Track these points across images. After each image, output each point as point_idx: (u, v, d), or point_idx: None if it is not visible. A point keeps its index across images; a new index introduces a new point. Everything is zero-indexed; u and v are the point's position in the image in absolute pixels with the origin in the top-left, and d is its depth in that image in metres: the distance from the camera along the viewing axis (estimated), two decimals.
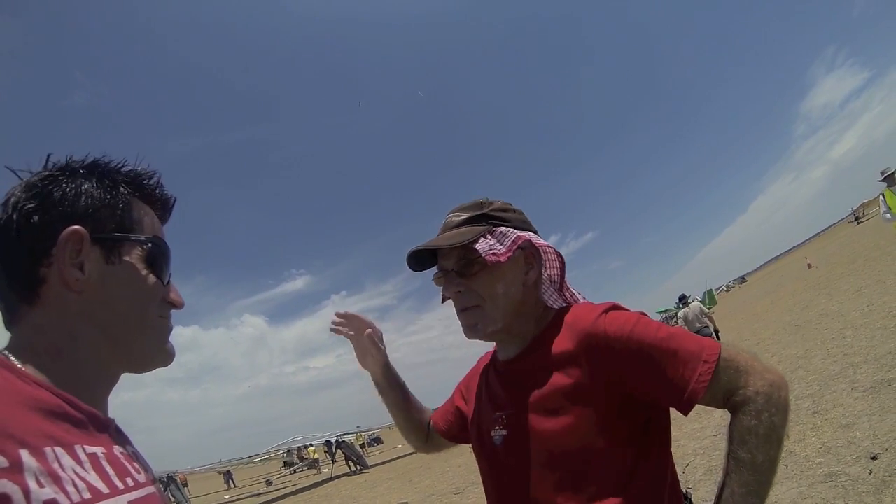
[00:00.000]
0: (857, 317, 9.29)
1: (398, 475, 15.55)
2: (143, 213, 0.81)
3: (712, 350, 1.02)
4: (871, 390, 5.38)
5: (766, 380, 1.00)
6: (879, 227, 20.43)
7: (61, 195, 0.72)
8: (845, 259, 21.72)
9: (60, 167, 0.76)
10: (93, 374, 0.72)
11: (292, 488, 20.39)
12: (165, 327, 0.82)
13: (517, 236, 1.19)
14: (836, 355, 7.45)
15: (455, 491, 9.51)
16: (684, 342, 1.04)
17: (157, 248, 0.80)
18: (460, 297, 1.24)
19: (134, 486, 0.67)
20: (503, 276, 1.20)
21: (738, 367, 1.02)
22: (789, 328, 11.91)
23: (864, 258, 17.97)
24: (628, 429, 1.08)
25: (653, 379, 1.04)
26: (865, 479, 3.68)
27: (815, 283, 19.20)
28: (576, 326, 1.13)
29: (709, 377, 1.00)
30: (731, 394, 1.01)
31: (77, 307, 0.70)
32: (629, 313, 1.12)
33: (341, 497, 13.90)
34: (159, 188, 0.86)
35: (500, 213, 1.26)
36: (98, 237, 0.73)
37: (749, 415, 0.98)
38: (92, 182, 0.76)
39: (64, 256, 0.69)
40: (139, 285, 0.76)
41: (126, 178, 0.81)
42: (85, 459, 0.61)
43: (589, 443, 1.06)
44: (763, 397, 0.98)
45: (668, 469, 1.13)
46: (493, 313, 1.20)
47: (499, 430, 1.21)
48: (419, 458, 18.29)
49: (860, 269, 15.77)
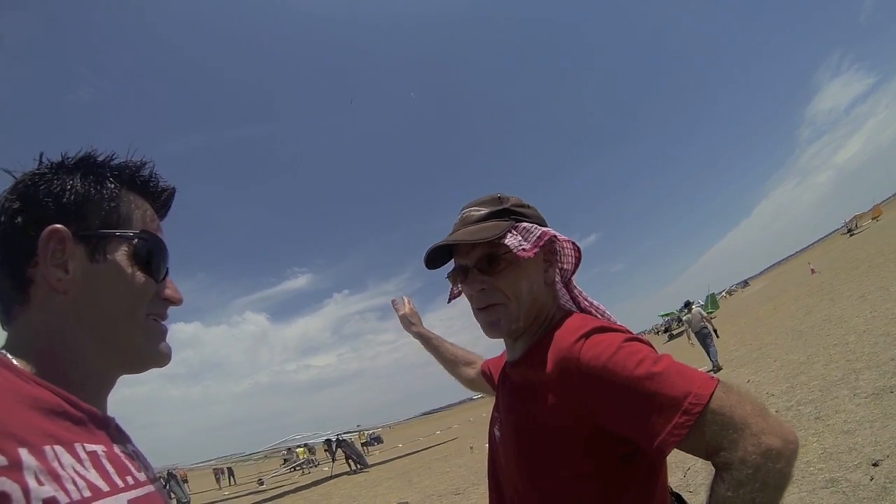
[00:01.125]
0: (860, 323, 9.27)
1: (398, 475, 15.55)
2: (133, 208, 0.78)
3: (699, 398, 0.86)
4: (873, 397, 5.38)
5: (762, 446, 0.81)
6: (877, 236, 20.31)
7: (45, 193, 0.71)
8: (848, 265, 21.65)
9: (50, 165, 0.74)
10: (87, 374, 0.71)
11: (291, 486, 20.42)
12: (158, 327, 0.79)
13: (542, 232, 1.16)
14: (838, 361, 7.45)
15: (455, 491, 9.52)
16: (667, 384, 0.89)
17: (146, 243, 0.77)
18: (483, 294, 1.18)
19: (134, 484, 0.66)
20: (527, 273, 1.18)
21: (729, 422, 0.84)
22: (792, 333, 11.90)
23: (868, 264, 17.90)
24: (598, 462, 1.00)
25: (622, 419, 0.93)
26: (867, 485, 3.69)
27: (817, 289, 19.15)
28: (557, 346, 1.05)
29: (685, 431, 0.85)
30: (714, 452, 0.86)
31: (64, 307, 0.69)
32: (612, 338, 1.00)
33: (341, 496, 13.91)
34: (153, 179, 0.82)
35: (520, 209, 1.23)
36: (82, 235, 0.71)
37: (727, 483, 0.83)
38: (77, 178, 0.73)
39: (46, 256, 0.68)
40: (126, 283, 0.74)
41: (115, 171, 0.78)
42: (85, 457, 0.60)
43: (554, 468, 1.03)
44: (749, 468, 0.81)
45: (653, 500, 1.04)
46: (517, 311, 1.17)
47: (497, 428, 1.24)
48: (419, 458, 18.33)
49: (863, 276, 15.71)
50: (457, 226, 1.25)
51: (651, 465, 1.03)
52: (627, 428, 0.93)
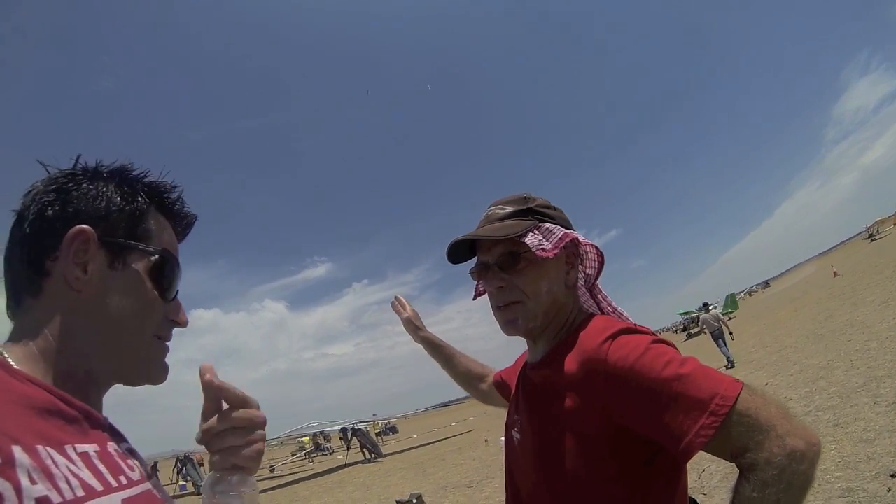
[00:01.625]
0: (883, 329, 9.16)
1: (412, 465, 15.72)
2: (157, 226, 0.80)
3: (725, 399, 0.88)
4: (894, 405, 5.33)
5: (787, 447, 0.83)
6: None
7: (79, 194, 0.73)
8: (872, 269, 21.27)
9: (86, 168, 0.77)
10: (85, 374, 0.72)
11: (306, 473, 20.68)
12: (161, 346, 0.80)
13: (564, 233, 1.17)
14: (859, 367, 7.37)
15: (469, 484, 9.60)
16: (693, 385, 0.91)
17: (164, 261, 0.79)
18: (502, 292, 1.21)
19: (128, 483, 0.66)
20: (547, 273, 1.19)
21: (755, 424, 0.86)
22: (812, 337, 11.76)
23: (892, 269, 17.60)
24: (622, 463, 1.01)
25: (649, 420, 0.94)
26: (884, 496, 3.68)
27: (840, 292, 18.85)
28: (583, 346, 1.07)
29: (712, 432, 0.87)
30: (740, 452, 0.87)
31: (75, 306, 0.70)
32: (639, 339, 1.02)
33: (355, 484, 14.10)
34: (179, 203, 0.85)
35: (545, 210, 1.25)
36: (106, 240, 0.73)
37: (752, 484, 0.84)
38: (111, 186, 0.76)
39: (68, 253, 0.70)
40: (139, 296, 0.75)
41: (147, 187, 0.80)
42: (76, 458, 0.60)
43: (581, 469, 1.03)
44: (774, 469, 0.82)
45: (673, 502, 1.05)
46: (534, 310, 1.18)
47: (516, 431, 1.24)
48: (434, 450, 18.45)
49: (887, 281, 15.46)
50: (481, 222, 1.27)
51: (673, 468, 1.04)
52: (654, 429, 0.94)
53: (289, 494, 14.83)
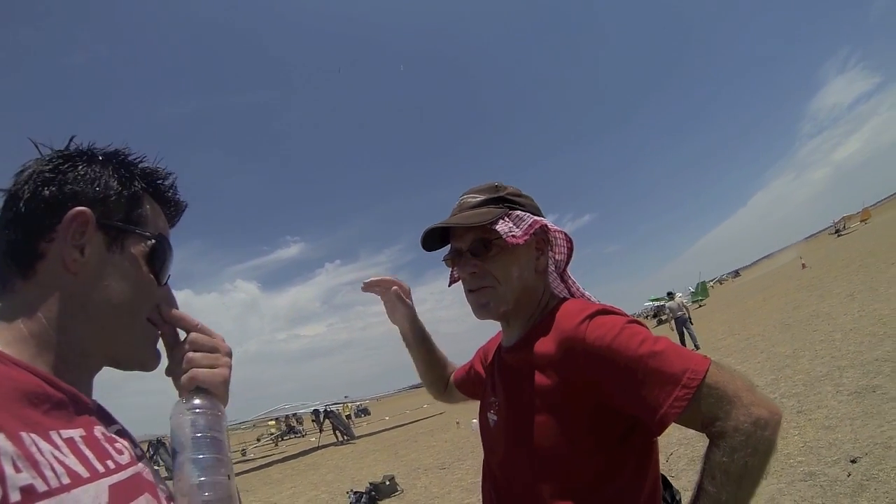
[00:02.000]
0: (848, 321, 9.41)
1: (384, 447, 15.78)
2: (152, 211, 0.81)
3: (696, 373, 0.95)
4: (855, 395, 5.50)
5: (752, 415, 0.92)
6: (869, 237, 20.39)
7: (76, 176, 0.72)
8: (840, 262, 21.83)
9: (81, 150, 0.76)
10: (75, 357, 0.71)
11: (279, 456, 20.66)
12: (153, 331, 0.80)
13: (534, 220, 1.21)
14: (823, 357, 7.58)
15: (441, 466, 9.68)
16: (667, 361, 0.98)
17: (160, 246, 0.80)
18: (474, 277, 1.25)
19: (115, 468, 0.65)
20: (518, 259, 1.23)
21: (723, 394, 0.94)
22: (779, 326, 12.06)
23: (859, 263, 18.06)
24: (594, 440, 1.07)
25: (626, 394, 1.01)
26: (844, 480, 3.80)
27: (808, 284, 19.33)
28: (560, 327, 1.12)
29: (685, 403, 0.94)
30: (710, 422, 0.95)
31: (70, 288, 0.70)
32: (615, 320, 1.07)
33: (328, 466, 14.12)
34: (173, 190, 0.86)
35: (515, 198, 1.28)
36: (104, 224, 0.73)
37: (722, 450, 0.92)
38: (108, 170, 0.76)
39: (67, 235, 0.69)
40: (135, 280, 0.76)
41: (142, 173, 0.81)
42: (62, 444, 0.59)
43: (555, 447, 1.07)
44: (742, 435, 0.91)
45: (646, 479, 1.10)
46: (505, 294, 1.23)
47: (492, 413, 1.27)
48: (405, 432, 18.57)
49: (854, 274, 15.87)
50: (454, 211, 1.31)
51: (646, 444, 1.11)
52: (631, 402, 1.01)
53: (262, 477, 14.80)
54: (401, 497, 8.01)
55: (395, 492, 8.21)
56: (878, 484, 3.58)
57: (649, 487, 1.10)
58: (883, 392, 5.26)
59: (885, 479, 3.61)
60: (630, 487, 1.08)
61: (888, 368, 5.94)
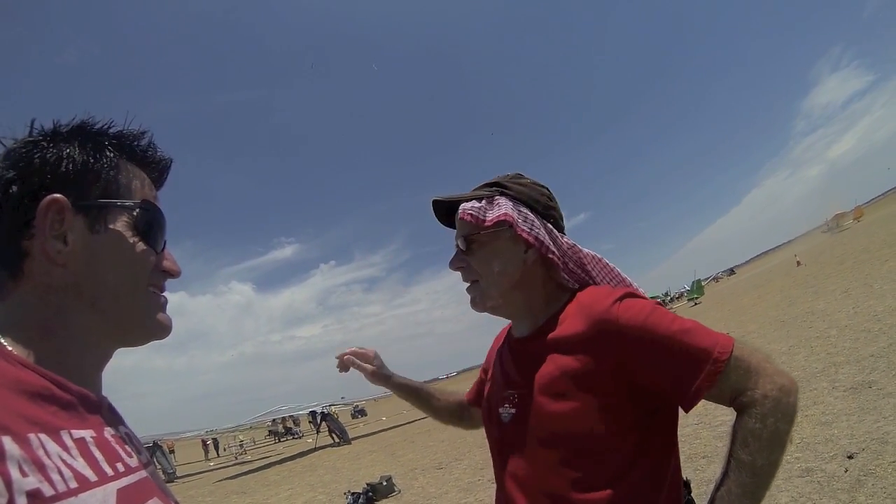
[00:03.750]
0: (843, 318, 9.43)
1: (381, 448, 15.75)
2: (132, 177, 0.76)
3: (724, 347, 1.01)
4: (851, 391, 5.50)
5: (777, 383, 0.98)
6: (863, 234, 20.45)
7: (41, 162, 0.67)
8: (835, 259, 21.92)
9: (44, 132, 0.71)
10: (83, 350, 0.68)
11: (276, 457, 20.60)
12: (158, 299, 0.77)
13: (503, 212, 1.19)
14: (819, 354, 7.59)
15: (438, 466, 9.66)
16: (697, 337, 1.03)
17: (146, 213, 0.75)
18: (463, 272, 1.29)
19: (125, 471, 0.63)
20: (498, 253, 1.23)
21: (749, 367, 1.00)
22: (775, 323, 12.08)
23: (854, 260, 18.14)
24: (632, 417, 1.09)
25: (660, 371, 1.04)
26: (841, 476, 3.80)
27: (803, 281, 19.40)
28: (590, 310, 1.13)
29: (717, 376, 0.99)
30: (738, 394, 1.01)
31: (62, 281, 0.66)
32: (644, 302, 1.12)
33: (325, 467, 14.08)
34: (151, 149, 0.80)
35: (509, 183, 1.27)
36: (81, 205, 0.68)
37: (754, 417, 0.97)
38: (75, 146, 0.70)
39: (44, 228, 0.65)
40: (127, 254, 0.71)
41: (113, 139, 0.75)
42: (72, 445, 0.57)
43: (591, 428, 1.07)
44: (771, 401, 0.97)
45: (670, 459, 1.13)
46: (489, 290, 1.25)
47: (508, 407, 1.23)
48: (402, 432, 18.54)
49: (848, 271, 15.93)
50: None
51: (670, 426, 1.15)
52: (665, 378, 1.05)
53: (259, 479, 14.79)
54: (398, 498, 7.99)
55: (392, 492, 8.19)
56: (875, 479, 3.58)
57: (673, 471, 1.13)
58: (879, 388, 5.27)
59: (883, 474, 3.61)
60: (657, 471, 1.10)
61: (883, 364, 5.95)
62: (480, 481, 7.32)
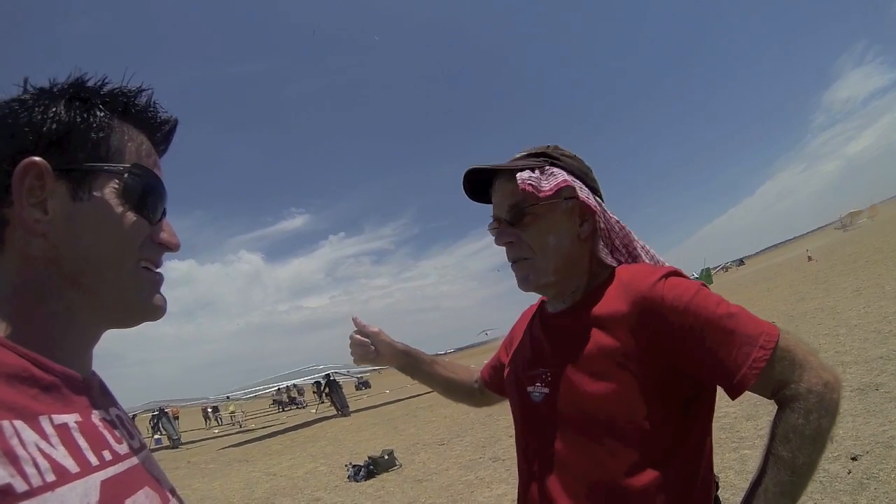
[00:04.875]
0: (853, 317, 9.36)
1: (383, 421, 15.94)
2: (126, 140, 0.68)
3: (770, 336, 0.97)
4: (858, 392, 5.47)
5: (822, 378, 0.95)
6: (877, 234, 20.18)
7: (24, 122, 0.61)
8: (846, 258, 21.70)
9: (34, 91, 0.64)
10: (66, 329, 0.62)
11: (280, 426, 20.90)
12: (151, 276, 0.69)
13: (564, 178, 1.14)
14: (827, 352, 7.52)
15: (440, 442, 9.77)
16: (743, 323, 0.99)
17: (139, 178, 0.67)
18: (511, 247, 1.20)
19: (112, 459, 0.58)
20: (555, 227, 1.16)
21: (795, 359, 0.97)
22: (783, 318, 11.98)
23: (866, 259, 17.95)
24: (671, 403, 1.05)
25: (704, 355, 1.00)
26: (844, 478, 3.80)
27: (813, 277, 19.25)
28: (632, 287, 1.08)
29: (763, 364, 0.95)
30: (782, 386, 0.97)
31: (42, 253, 0.60)
32: (690, 282, 1.07)
33: (327, 439, 14.33)
34: (151, 109, 0.72)
35: (559, 155, 1.21)
36: (65, 169, 0.61)
37: (797, 412, 0.94)
38: (61, 105, 0.63)
39: (20, 194, 0.58)
40: (114, 225, 0.64)
41: (106, 98, 0.67)
42: (51, 432, 0.51)
43: (631, 412, 1.03)
44: (815, 397, 0.93)
45: (705, 448, 1.10)
46: (544, 266, 1.16)
47: (540, 386, 1.16)
48: (405, 406, 18.74)
49: (860, 270, 15.78)
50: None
51: (707, 414, 1.11)
52: (708, 363, 1.00)
53: (262, 448, 15.05)
54: (399, 472, 8.10)
55: (393, 466, 8.31)
56: (878, 483, 3.58)
57: (707, 455, 1.10)
58: (886, 391, 5.24)
59: (886, 478, 3.61)
60: (694, 459, 1.07)
61: (892, 367, 5.91)
62: (482, 459, 7.40)
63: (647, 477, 1.01)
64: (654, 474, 1.01)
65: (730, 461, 4.68)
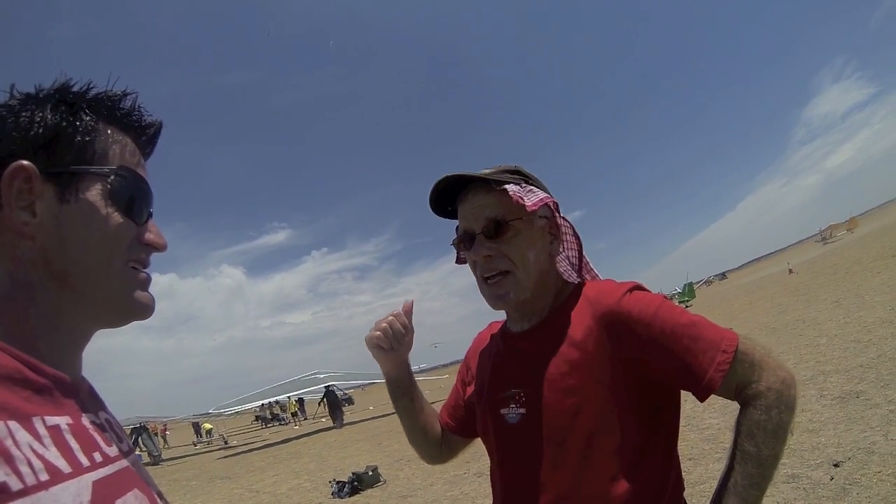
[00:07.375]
0: (833, 327, 9.47)
1: (368, 437, 15.78)
2: (111, 143, 0.69)
3: (731, 341, 1.04)
4: (839, 399, 5.53)
5: (779, 377, 1.02)
6: (856, 246, 20.54)
7: (11, 126, 0.62)
8: (826, 269, 22.04)
9: (20, 96, 0.66)
10: (56, 330, 0.64)
11: (261, 443, 20.61)
12: (138, 276, 0.71)
13: (545, 196, 1.16)
14: (808, 361, 7.61)
15: None
16: (705, 330, 1.05)
17: (124, 181, 0.68)
18: (490, 261, 1.16)
19: (102, 461, 0.59)
20: (533, 243, 1.17)
21: (753, 360, 1.03)
22: (765, 330, 12.10)
23: (846, 271, 18.23)
24: (641, 411, 1.08)
25: (672, 363, 1.04)
26: (826, 484, 3.81)
27: (794, 289, 19.51)
28: (598, 303, 1.11)
29: (727, 367, 1.01)
30: (743, 387, 1.03)
31: (31, 256, 0.61)
32: (653, 295, 1.12)
33: (310, 455, 14.10)
34: (136, 112, 0.73)
35: (528, 173, 1.24)
36: (52, 172, 0.63)
37: (759, 409, 1.00)
38: (47, 110, 0.65)
39: (9, 197, 0.60)
40: (101, 226, 0.65)
41: (92, 102, 0.69)
42: (44, 434, 0.53)
43: (608, 423, 1.06)
44: (774, 394, 1.00)
45: (674, 452, 1.14)
46: (524, 281, 1.16)
47: (515, 407, 1.15)
48: (389, 422, 18.57)
49: (840, 281, 16.01)
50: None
51: (674, 421, 1.16)
52: (676, 370, 1.05)
53: (245, 464, 14.80)
54: (383, 488, 7.99)
55: (377, 482, 8.20)
56: (860, 489, 3.60)
57: (676, 460, 1.15)
58: (866, 398, 5.29)
59: (868, 483, 3.63)
60: (663, 464, 1.11)
61: (872, 375, 5.98)
62: (466, 475, 7.31)
63: (627, 484, 1.05)
64: (633, 480, 1.05)
65: (713, 472, 4.66)
